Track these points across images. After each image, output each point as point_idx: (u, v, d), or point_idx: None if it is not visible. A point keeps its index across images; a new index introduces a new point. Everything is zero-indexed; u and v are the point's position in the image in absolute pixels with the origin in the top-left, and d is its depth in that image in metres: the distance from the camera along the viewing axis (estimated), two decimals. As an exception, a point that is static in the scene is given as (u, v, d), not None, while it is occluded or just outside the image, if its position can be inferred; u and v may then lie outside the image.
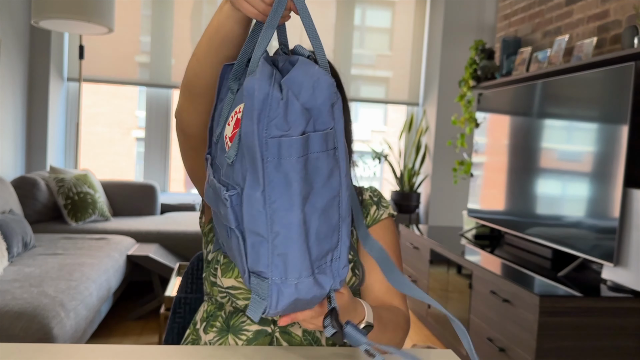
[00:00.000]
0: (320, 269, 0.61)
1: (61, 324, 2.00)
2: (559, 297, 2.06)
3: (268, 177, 0.56)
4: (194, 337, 1.04)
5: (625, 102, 2.17)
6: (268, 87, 0.56)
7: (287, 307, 0.60)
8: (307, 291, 0.60)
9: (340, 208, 0.61)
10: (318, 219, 0.59)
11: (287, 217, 0.57)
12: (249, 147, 0.56)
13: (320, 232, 0.60)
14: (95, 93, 4.72)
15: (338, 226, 0.61)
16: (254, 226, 0.58)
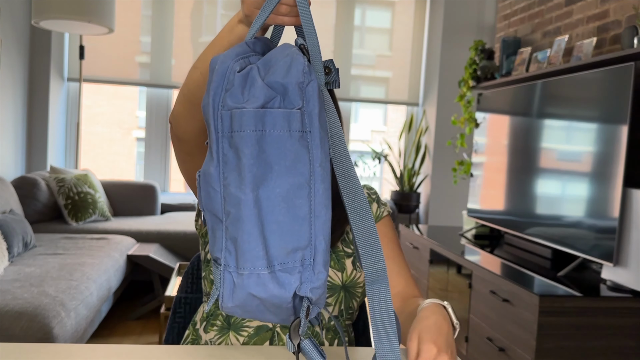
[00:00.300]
0: (285, 266, 0.55)
1: (61, 323, 2.00)
2: (558, 297, 2.06)
3: (222, 151, 0.54)
4: (193, 337, 1.04)
5: (625, 102, 2.17)
6: (230, 62, 0.55)
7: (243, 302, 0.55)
8: (262, 287, 0.54)
9: (313, 201, 0.55)
10: (278, 206, 0.54)
11: (237, 195, 0.53)
12: (207, 121, 0.55)
13: (282, 222, 0.54)
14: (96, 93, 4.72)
15: (308, 221, 0.55)
16: (210, 205, 0.56)
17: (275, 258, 0.55)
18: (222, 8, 4.65)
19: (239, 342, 0.98)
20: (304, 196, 0.55)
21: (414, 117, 5.02)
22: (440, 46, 4.64)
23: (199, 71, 0.80)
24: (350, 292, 1.01)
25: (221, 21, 4.66)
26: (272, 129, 0.54)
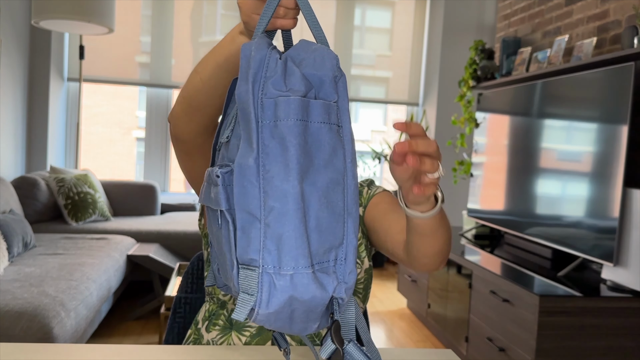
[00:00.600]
0: (322, 266, 0.53)
1: (61, 323, 2.00)
2: (558, 297, 2.06)
3: (263, 142, 0.50)
4: (195, 336, 1.04)
5: (625, 102, 2.17)
6: (266, 50, 0.53)
7: (281, 308, 0.51)
8: (305, 288, 0.51)
9: (346, 197, 0.54)
10: (318, 200, 0.52)
11: (283, 188, 0.50)
12: (243, 110, 0.51)
13: (321, 218, 0.52)
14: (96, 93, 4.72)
15: (343, 218, 0.54)
16: (245, 202, 0.50)
17: (315, 257, 0.52)
18: (222, 8, 4.65)
19: (241, 342, 0.98)
20: (339, 192, 0.54)
21: (414, 117, 5.02)
22: (440, 46, 4.64)
23: (199, 76, 0.81)
24: None
25: (221, 21, 4.65)
26: (315, 120, 0.52)
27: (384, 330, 3.23)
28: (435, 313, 3.04)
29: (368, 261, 1.03)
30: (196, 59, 4.61)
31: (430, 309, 3.12)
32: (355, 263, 0.55)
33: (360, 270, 1.01)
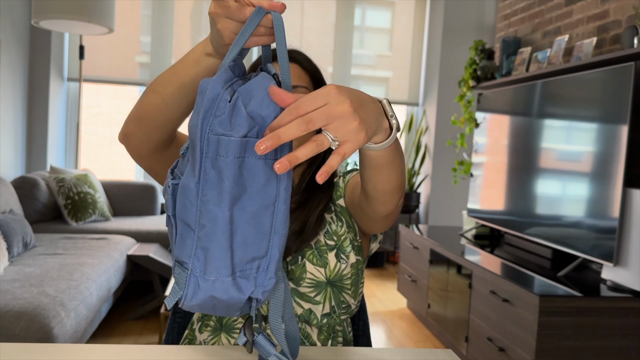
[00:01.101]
0: (243, 273, 0.63)
1: (61, 323, 2.00)
2: (558, 297, 2.06)
3: (204, 170, 0.59)
4: (190, 337, 1.05)
5: (625, 102, 2.17)
6: (220, 89, 0.59)
7: (203, 302, 0.61)
8: (224, 291, 0.61)
9: (274, 219, 0.62)
10: (247, 222, 0.61)
11: (215, 212, 0.59)
12: (192, 140, 0.59)
13: (248, 236, 0.61)
14: (96, 93, 4.72)
15: (269, 236, 0.63)
16: (184, 216, 0.60)
17: (237, 266, 0.62)
18: (222, 8, 4.65)
19: (229, 342, 0.98)
20: (268, 214, 0.62)
21: (414, 117, 5.02)
22: (440, 46, 4.64)
23: (159, 97, 0.80)
24: (337, 287, 0.99)
25: (221, 21, 4.65)
26: (251, 156, 0.60)
27: (384, 330, 3.23)
28: (435, 313, 3.04)
29: (355, 255, 1.01)
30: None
31: (430, 309, 3.12)
32: (277, 271, 0.65)
33: (346, 265, 0.99)
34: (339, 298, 0.99)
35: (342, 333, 1.04)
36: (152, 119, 0.83)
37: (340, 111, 0.57)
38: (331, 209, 1.06)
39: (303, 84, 1.01)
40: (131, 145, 0.88)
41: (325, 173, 0.57)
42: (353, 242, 1.02)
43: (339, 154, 0.58)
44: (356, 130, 0.58)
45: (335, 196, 1.07)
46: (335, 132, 0.57)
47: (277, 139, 0.55)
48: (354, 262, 1.00)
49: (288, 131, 0.56)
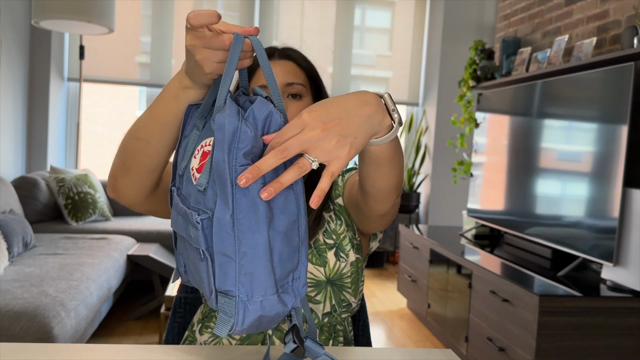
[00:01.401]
0: (283, 288, 0.66)
1: (61, 323, 2.00)
2: (558, 296, 2.06)
3: (237, 201, 0.61)
4: (190, 339, 1.05)
5: (625, 102, 2.17)
6: (237, 122, 0.62)
7: (252, 323, 0.64)
8: (271, 308, 0.64)
9: (300, 232, 0.66)
10: (280, 241, 0.64)
11: (254, 238, 0.62)
12: (220, 175, 0.61)
13: (283, 253, 0.64)
14: (96, 93, 4.73)
15: (298, 248, 0.66)
16: (222, 248, 0.62)
17: (278, 282, 0.65)
18: (222, 8, 4.65)
19: (231, 344, 0.98)
20: (295, 229, 0.65)
21: (413, 117, 5.02)
22: (440, 46, 4.64)
23: (144, 142, 0.80)
24: (337, 285, 0.99)
25: (221, 21, 4.65)
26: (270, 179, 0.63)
27: (384, 330, 3.23)
28: (435, 313, 3.05)
29: (354, 254, 1.01)
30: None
31: (430, 309, 3.12)
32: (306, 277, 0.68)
33: (346, 263, 0.99)
34: (340, 297, 1.00)
35: (343, 332, 1.04)
36: (140, 166, 0.82)
37: (313, 136, 0.59)
38: (330, 208, 1.06)
39: (299, 81, 1.02)
40: (124, 196, 0.87)
41: (318, 197, 0.59)
42: (352, 241, 1.02)
43: (327, 175, 0.60)
44: (336, 147, 0.60)
45: (334, 195, 1.07)
46: (315, 154, 0.59)
47: (257, 171, 0.58)
48: (353, 261, 1.00)
49: (267, 162, 0.59)
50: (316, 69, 1.08)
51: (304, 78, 1.04)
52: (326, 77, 4.73)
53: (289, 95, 1.00)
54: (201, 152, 0.68)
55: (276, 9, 4.69)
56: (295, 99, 1.01)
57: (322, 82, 1.08)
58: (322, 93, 1.08)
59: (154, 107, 0.79)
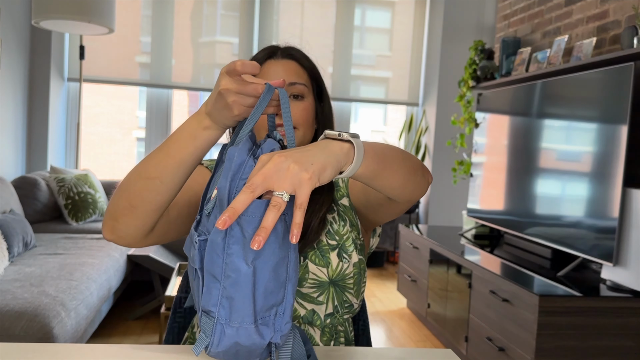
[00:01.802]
0: (264, 320, 0.68)
1: (62, 323, 2.01)
2: (558, 296, 2.06)
3: (231, 227, 0.64)
4: (191, 340, 1.05)
5: (625, 102, 2.17)
6: (246, 156, 0.67)
7: (228, 349, 0.66)
8: (247, 338, 0.66)
9: (289, 268, 0.68)
10: (268, 274, 0.66)
11: (239, 265, 0.64)
12: (221, 200, 0.65)
13: (269, 286, 0.66)
14: (96, 93, 4.73)
15: (285, 284, 0.68)
16: (211, 268, 0.65)
17: (259, 313, 0.67)
18: (222, 8, 4.65)
19: None
20: (284, 265, 0.67)
21: (413, 117, 5.02)
22: (440, 46, 4.64)
23: (157, 180, 0.80)
24: (340, 286, 0.99)
25: (221, 21, 4.65)
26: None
27: (383, 330, 3.23)
28: (435, 313, 3.05)
29: (357, 255, 1.01)
30: (196, 59, 4.62)
31: (430, 309, 3.12)
32: (291, 316, 0.70)
33: (349, 264, 0.99)
34: (342, 297, 1.00)
35: (344, 333, 1.04)
36: (150, 204, 0.82)
37: (271, 167, 0.62)
38: (333, 209, 1.05)
39: (301, 81, 1.02)
40: (124, 236, 0.86)
41: (296, 233, 0.61)
42: (355, 242, 1.02)
43: (297, 208, 0.62)
44: (295, 173, 0.62)
45: (338, 196, 1.07)
46: (280, 187, 0.62)
47: (232, 211, 0.60)
48: (356, 262, 1.00)
49: (239, 200, 0.61)
50: (318, 69, 1.08)
51: (306, 78, 1.04)
52: (326, 77, 4.73)
53: (290, 95, 1.00)
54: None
55: (276, 9, 4.69)
56: (297, 100, 1.01)
57: (323, 82, 1.09)
58: (323, 93, 1.08)
59: (168, 146, 0.81)
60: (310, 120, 1.02)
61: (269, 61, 1.03)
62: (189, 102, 5.18)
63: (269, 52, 1.04)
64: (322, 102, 1.08)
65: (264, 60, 1.03)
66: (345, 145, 0.69)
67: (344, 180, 1.08)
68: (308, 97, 1.03)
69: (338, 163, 0.67)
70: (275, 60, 1.02)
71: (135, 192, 0.82)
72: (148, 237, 0.88)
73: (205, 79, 4.64)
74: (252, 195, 0.61)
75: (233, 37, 4.65)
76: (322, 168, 0.65)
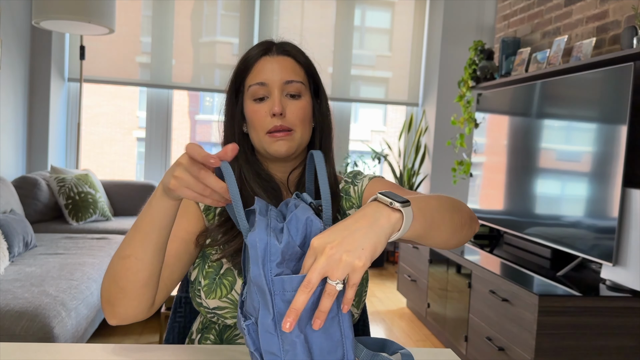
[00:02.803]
0: None
1: (62, 323, 2.01)
2: (558, 296, 2.07)
3: (276, 306, 0.67)
4: None
5: (624, 102, 2.17)
6: (266, 237, 0.68)
7: None
8: None
9: (342, 327, 0.70)
10: (319, 336, 0.69)
11: (292, 338, 0.67)
12: (259, 287, 0.68)
13: (324, 347, 0.69)
14: (96, 93, 4.73)
15: (342, 342, 0.70)
16: (269, 347, 0.69)
17: None
18: (222, 8, 4.66)
19: None
20: (335, 324, 0.69)
21: (413, 117, 5.02)
22: (440, 46, 4.65)
23: (132, 257, 0.82)
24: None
25: (221, 21, 4.66)
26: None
27: (383, 329, 3.23)
28: (435, 313, 3.05)
29: None
30: (196, 60, 4.62)
31: (430, 309, 3.12)
32: None
33: None
34: None
35: None
36: (135, 282, 0.83)
37: (322, 261, 0.63)
38: (338, 219, 1.03)
39: (298, 78, 0.98)
40: (126, 317, 0.86)
41: (347, 306, 0.66)
42: None
43: (349, 287, 0.65)
44: (347, 263, 0.63)
45: (346, 205, 1.04)
46: (334, 277, 0.64)
47: (294, 312, 0.64)
48: None
49: (298, 300, 0.64)
50: (314, 65, 1.04)
51: (302, 75, 1.00)
52: (326, 77, 4.73)
53: (287, 94, 0.98)
54: None
55: (276, 9, 4.69)
56: (294, 99, 0.98)
57: (319, 78, 1.05)
58: (319, 89, 1.05)
59: (137, 222, 0.82)
60: (307, 119, 0.99)
61: (264, 58, 0.99)
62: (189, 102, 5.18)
63: (264, 49, 1.00)
64: (318, 99, 1.05)
65: (259, 56, 0.99)
66: (393, 216, 0.69)
67: (356, 190, 1.05)
68: (305, 95, 0.99)
69: (386, 237, 0.68)
70: (270, 57, 0.98)
71: (119, 274, 0.83)
72: (153, 306, 0.89)
73: (205, 79, 4.65)
74: (310, 292, 0.64)
75: (233, 37, 4.66)
76: (373, 250, 0.66)
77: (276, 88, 0.96)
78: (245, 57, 1.00)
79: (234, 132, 1.01)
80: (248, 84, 0.98)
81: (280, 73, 0.97)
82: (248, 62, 0.99)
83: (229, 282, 0.95)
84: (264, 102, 0.97)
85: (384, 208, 0.69)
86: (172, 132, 4.66)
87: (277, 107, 0.95)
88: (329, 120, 1.06)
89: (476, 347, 2.53)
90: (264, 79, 0.97)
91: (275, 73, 0.97)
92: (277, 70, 0.97)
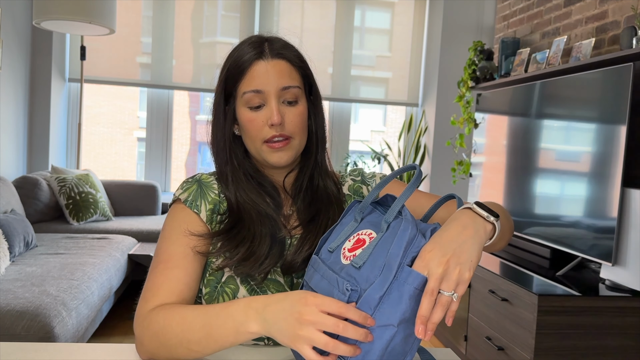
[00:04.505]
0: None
1: (63, 323, 2.02)
2: (557, 296, 2.07)
3: (390, 290, 0.71)
4: None
5: (624, 102, 2.18)
6: (416, 231, 0.74)
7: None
8: None
9: (414, 343, 0.73)
10: (400, 337, 0.72)
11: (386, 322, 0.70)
12: (390, 265, 0.71)
13: (395, 347, 0.72)
14: (97, 94, 4.74)
15: (405, 354, 0.73)
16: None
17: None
18: (223, 9, 4.66)
19: None
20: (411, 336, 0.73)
21: (413, 118, 5.03)
22: (440, 47, 4.65)
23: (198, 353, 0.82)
24: None
25: (222, 22, 4.66)
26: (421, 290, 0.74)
27: (383, 329, 3.23)
28: (435, 313, 3.05)
29: None
30: (197, 60, 4.63)
31: (430, 309, 3.13)
32: None
33: None
34: None
35: None
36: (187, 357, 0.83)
37: (440, 273, 0.69)
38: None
39: (295, 83, 0.95)
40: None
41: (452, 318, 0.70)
42: None
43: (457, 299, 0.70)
44: (460, 275, 0.70)
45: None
46: (448, 287, 0.69)
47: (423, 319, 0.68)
48: None
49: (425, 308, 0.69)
50: (309, 68, 1.00)
51: (298, 78, 0.96)
52: (326, 77, 4.74)
53: (284, 101, 0.94)
54: (356, 239, 0.80)
55: (276, 10, 4.70)
56: (292, 105, 0.95)
57: (313, 78, 1.01)
58: (313, 89, 1.02)
59: (211, 327, 0.79)
60: (305, 125, 0.97)
61: (258, 62, 0.93)
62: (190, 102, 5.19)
63: (256, 52, 0.94)
64: (312, 96, 1.01)
65: (252, 61, 0.93)
66: (489, 227, 0.77)
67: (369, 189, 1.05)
68: (301, 99, 0.96)
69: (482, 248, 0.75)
70: (265, 62, 0.93)
71: (175, 353, 0.83)
72: None
73: (205, 79, 4.65)
74: (434, 299, 0.69)
75: (233, 37, 4.66)
76: (478, 262, 0.73)
77: (273, 95, 0.93)
78: (237, 59, 0.95)
79: (224, 134, 0.98)
80: (242, 90, 0.94)
81: (277, 79, 0.93)
82: (241, 67, 0.94)
83: (231, 290, 0.93)
84: (260, 111, 0.94)
85: (480, 219, 0.76)
86: (173, 132, 4.66)
87: (277, 118, 0.92)
88: (323, 120, 1.03)
89: (476, 347, 2.53)
90: (260, 86, 0.93)
91: (271, 79, 0.92)
92: (273, 76, 0.92)
